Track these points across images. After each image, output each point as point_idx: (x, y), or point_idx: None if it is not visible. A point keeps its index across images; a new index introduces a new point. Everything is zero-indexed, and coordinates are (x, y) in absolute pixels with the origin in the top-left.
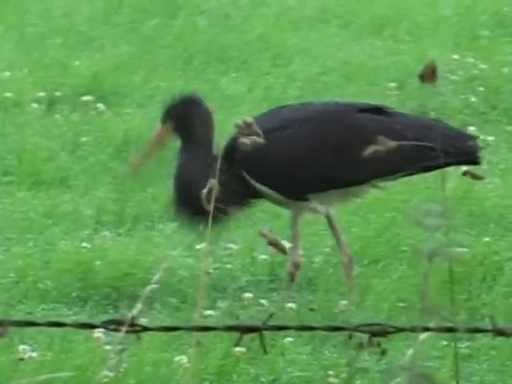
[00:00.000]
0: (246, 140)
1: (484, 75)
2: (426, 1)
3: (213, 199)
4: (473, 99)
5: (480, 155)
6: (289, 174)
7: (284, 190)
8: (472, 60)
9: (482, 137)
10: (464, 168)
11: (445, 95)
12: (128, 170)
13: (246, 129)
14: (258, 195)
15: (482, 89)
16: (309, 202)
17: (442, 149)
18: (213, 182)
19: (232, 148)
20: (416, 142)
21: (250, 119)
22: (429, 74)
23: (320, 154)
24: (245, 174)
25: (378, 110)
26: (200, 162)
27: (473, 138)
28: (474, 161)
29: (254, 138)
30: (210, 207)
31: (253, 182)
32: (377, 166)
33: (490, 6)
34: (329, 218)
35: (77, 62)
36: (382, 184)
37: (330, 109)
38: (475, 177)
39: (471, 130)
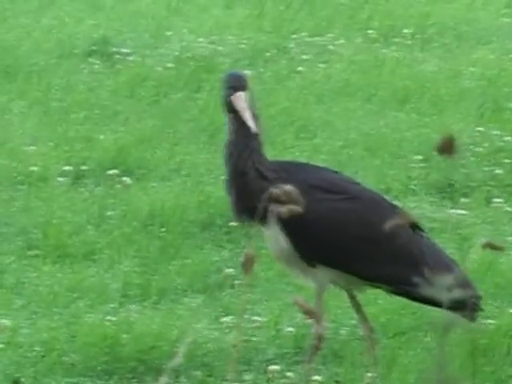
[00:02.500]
0: (283, 209)
1: (509, 147)
2: (448, 73)
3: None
4: (498, 171)
5: (477, 314)
6: (312, 234)
7: (298, 246)
8: (497, 132)
9: (507, 208)
10: (484, 239)
11: (469, 168)
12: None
13: (285, 196)
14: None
15: (507, 161)
16: (314, 269)
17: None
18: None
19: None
20: (431, 270)
21: (290, 188)
22: (447, 148)
23: (349, 233)
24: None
25: (415, 226)
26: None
27: (479, 296)
28: (471, 318)
29: (293, 207)
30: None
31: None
32: (390, 272)
33: None
34: (349, 292)
35: (101, 136)
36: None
37: (379, 200)
38: (495, 248)
39: (496, 201)
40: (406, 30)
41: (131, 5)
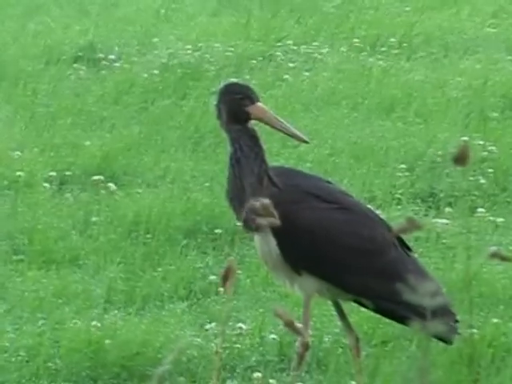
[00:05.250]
0: (263, 221)
1: (493, 157)
2: (434, 83)
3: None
4: (482, 181)
5: (453, 339)
6: (301, 240)
7: (288, 251)
8: (481, 142)
9: (491, 218)
10: (493, 248)
11: (454, 177)
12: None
13: (263, 211)
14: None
15: (491, 170)
16: (299, 277)
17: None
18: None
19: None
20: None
21: (267, 201)
22: (462, 158)
23: (338, 244)
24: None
25: (404, 243)
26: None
27: (457, 320)
28: (447, 342)
29: (272, 219)
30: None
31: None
32: (375, 287)
33: (498, 87)
34: (334, 301)
35: (87, 142)
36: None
37: (371, 216)
38: (504, 258)
39: (480, 211)
40: (392, 40)
41: (118, 11)
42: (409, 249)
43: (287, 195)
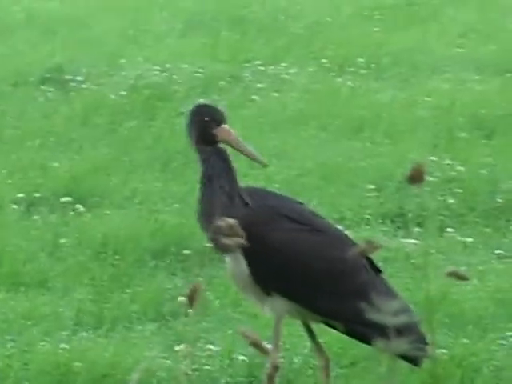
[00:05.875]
0: (229, 241)
1: (461, 177)
2: (403, 103)
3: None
4: (451, 201)
5: (422, 362)
6: (271, 261)
7: (258, 272)
8: (449, 162)
9: (460, 238)
10: (449, 268)
11: (422, 197)
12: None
13: (229, 230)
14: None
15: (459, 190)
16: (270, 298)
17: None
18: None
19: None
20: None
21: (232, 221)
22: (417, 176)
23: (309, 265)
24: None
25: (375, 267)
26: None
27: (426, 342)
28: (416, 364)
29: (238, 239)
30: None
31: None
32: (343, 308)
33: (467, 107)
34: (304, 322)
35: (55, 164)
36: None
37: (343, 239)
38: (460, 277)
39: (449, 231)
40: (360, 60)
41: (86, 32)
42: (378, 270)
43: (259, 216)
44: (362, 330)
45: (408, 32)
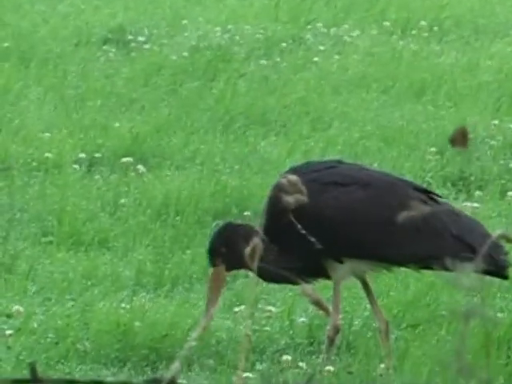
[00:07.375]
0: (290, 199)
1: None
2: (465, 66)
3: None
4: None
5: (508, 272)
6: (334, 232)
7: (325, 245)
8: None
9: None
10: (499, 231)
11: (484, 161)
12: (197, 334)
13: (290, 187)
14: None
15: None
16: (342, 264)
17: (481, 255)
18: (256, 242)
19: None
20: (458, 238)
21: (294, 177)
22: (459, 139)
23: (369, 222)
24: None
25: (429, 194)
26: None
27: (506, 252)
28: (503, 275)
29: (299, 196)
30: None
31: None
32: (417, 251)
33: None
34: (364, 283)
35: (117, 124)
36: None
37: (390, 180)
38: (509, 240)
39: (510, 195)
40: (423, 23)
41: None
42: (438, 196)
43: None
44: (437, 263)
45: None
